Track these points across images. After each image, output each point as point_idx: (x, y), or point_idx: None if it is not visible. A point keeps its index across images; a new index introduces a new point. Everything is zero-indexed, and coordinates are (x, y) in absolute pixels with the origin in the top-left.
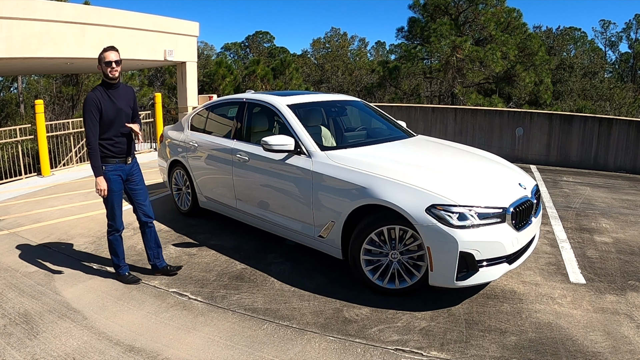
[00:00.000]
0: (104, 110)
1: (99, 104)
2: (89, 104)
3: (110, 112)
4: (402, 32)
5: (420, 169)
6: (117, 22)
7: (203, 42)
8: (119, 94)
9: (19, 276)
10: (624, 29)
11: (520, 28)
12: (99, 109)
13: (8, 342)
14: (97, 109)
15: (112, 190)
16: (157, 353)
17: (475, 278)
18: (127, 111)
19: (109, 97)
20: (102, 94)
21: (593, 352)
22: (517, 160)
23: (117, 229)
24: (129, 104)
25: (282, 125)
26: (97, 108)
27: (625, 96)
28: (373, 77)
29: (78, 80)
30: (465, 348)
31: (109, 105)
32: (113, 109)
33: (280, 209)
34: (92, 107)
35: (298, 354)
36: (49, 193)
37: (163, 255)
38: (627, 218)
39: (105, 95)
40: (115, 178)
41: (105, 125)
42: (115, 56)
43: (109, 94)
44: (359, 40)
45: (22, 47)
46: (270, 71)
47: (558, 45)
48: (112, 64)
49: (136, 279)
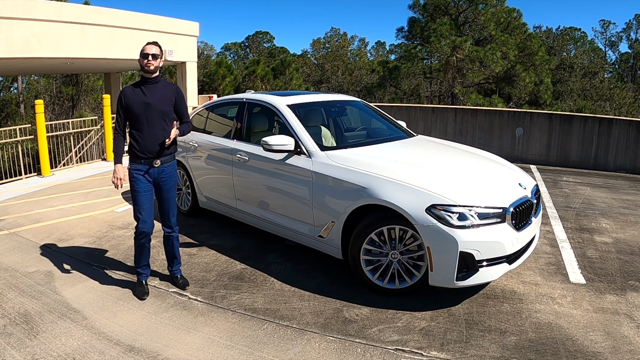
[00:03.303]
0: (130, 104)
1: (124, 98)
2: (118, 98)
3: (136, 107)
4: (402, 32)
5: (420, 169)
6: (117, 22)
7: (203, 42)
8: (155, 89)
9: (19, 276)
10: (624, 29)
11: (520, 28)
12: (122, 103)
13: (8, 342)
14: (121, 103)
15: (136, 189)
16: (157, 353)
17: (475, 278)
18: (161, 108)
19: (141, 91)
20: (133, 88)
21: (593, 352)
22: (517, 160)
23: (141, 231)
24: (166, 102)
25: (282, 125)
26: (121, 102)
27: (625, 96)
28: (373, 77)
29: (78, 80)
30: (465, 348)
31: (136, 100)
32: (140, 103)
33: (280, 209)
34: (118, 101)
35: (298, 354)
36: (49, 193)
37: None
38: (627, 218)
39: (138, 89)
40: (140, 178)
41: (133, 121)
42: (154, 49)
43: (142, 89)
44: (359, 40)
45: (22, 47)
46: (270, 71)
47: (558, 45)
48: (149, 56)
49: (144, 292)
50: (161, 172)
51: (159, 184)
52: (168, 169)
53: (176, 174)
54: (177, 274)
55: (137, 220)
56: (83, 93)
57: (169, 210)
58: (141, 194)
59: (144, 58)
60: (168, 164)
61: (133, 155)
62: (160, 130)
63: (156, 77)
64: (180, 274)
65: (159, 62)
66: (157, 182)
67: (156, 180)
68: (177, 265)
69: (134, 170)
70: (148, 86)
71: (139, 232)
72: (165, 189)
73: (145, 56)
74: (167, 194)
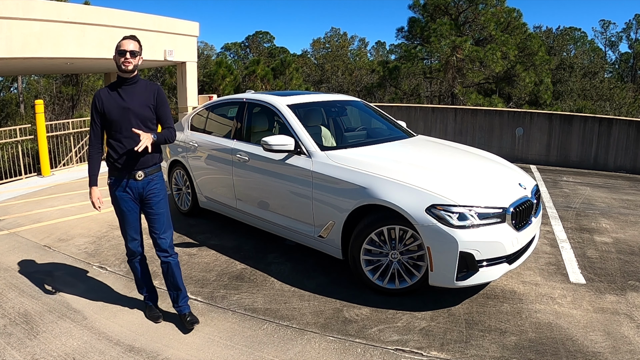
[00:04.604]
0: (105, 109)
1: (99, 102)
2: (92, 102)
3: (113, 112)
4: (402, 32)
5: (420, 169)
6: (117, 22)
7: (203, 42)
8: (135, 91)
9: (19, 276)
10: (624, 29)
11: (520, 28)
12: (98, 107)
13: (8, 342)
14: (96, 108)
15: (119, 209)
16: (157, 353)
17: (475, 278)
18: (140, 112)
19: (118, 94)
20: (110, 91)
21: (593, 352)
22: (517, 160)
23: (132, 252)
24: (146, 104)
25: (282, 125)
26: (96, 106)
27: (625, 96)
28: (373, 77)
29: (78, 80)
30: (465, 348)
31: (113, 103)
32: (117, 107)
33: (280, 209)
34: (92, 105)
35: (298, 354)
36: (49, 193)
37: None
38: (627, 218)
39: (115, 92)
40: (122, 195)
41: (110, 128)
42: (131, 45)
43: (120, 91)
44: (359, 40)
45: (22, 47)
46: (270, 71)
47: (558, 45)
48: (126, 54)
49: (157, 315)
50: (146, 185)
51: (145, 199)
52: (154, 181)
53: (164, 186)
54: (185, 311)
55: (125, 240)
56: (83, 93)
57: (161, 229)
58: (126, 212)
59: (121, 56)
60: (153, 176)
61: (112, 167)
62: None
63: (135, 76)
64: (188, 310)
65: (138, 60)
66: (143, 198)
67: (142, 196)
68: (183, 299)
69: (114, 185)
70: (126, 87)
71: (129, 253)
72: (153, 204)
73: (122, 53)
74: (157, 210)
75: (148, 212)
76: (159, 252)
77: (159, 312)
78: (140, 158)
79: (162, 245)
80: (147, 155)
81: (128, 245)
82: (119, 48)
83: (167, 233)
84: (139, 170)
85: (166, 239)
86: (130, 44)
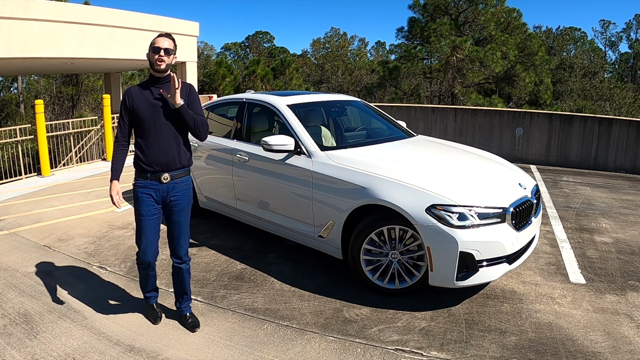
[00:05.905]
0: (135, 106)
1: (129, 98)
2: (122, 99)
3: (143, 109)
4: (402, 32)
5: (420, 169)
6: (117, 22)
7: (203, 42)
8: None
9: (19, 276)
10: (624, 29)
11: (520, 28)
12: (127, 104)
13: (8, 342)
14: (126, 105)
15: (139, 212)
16: (157, 353)
17: (475, 278)
18: (171, 110)
19: (149, 91)
20: (141, 88)
21: (593, 352)
22: (517, 160)
23: (142, 260)
24: None
25: (282, 125)
26: (126, 103)
27: (625, 96)
28: (373, 77)
29: (78, 80)
30: (465, 348)
31: (142, 100)
32: (147, 104)
33: (280, 209)
34: (122, 102)
35: (298, 354)
36: (49, 193)
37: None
38: (627, 218)
39: (147, 90)
40: (145, 198)
41: (138, 126)
42: (166, 43)
43: (152, 90)
44: (359, 40)
45: (22, 47)
46: (270, 71)
47: (558, 45)
48: (161, 51)
49: (156, 316)
50: (172, 189)
51: (168, 204)
52: (180, 187)
53: (190, 192)
54: (186, 312)
55: (137, 246)
56: (83, 93)
57: (180, 237)
58: (145, 217)
59: (155, 53)
60: (180, 180)
61: (139, 169)
62: (171, 139)
63: (167, 76)
64: (189, 312)
65: (171, 58)
66: (166, 203)
67: (165, 200)
68: (186, 302)
69: (138, 187)
70: (158, 87)
71: (140, 262)
72: (175, 211)
73: (156, 50)
74: (179, 217)
75: (169, 217)
76: (173, 257)
77: (159, 314)
78: (167, 160)
79: (178, 252)
80: (175, 155)
81: (139, 253)
82: (153, 45)
83: (185, 240)
84: (165, 172)
85: (183, 246)
86: (165, 42)
